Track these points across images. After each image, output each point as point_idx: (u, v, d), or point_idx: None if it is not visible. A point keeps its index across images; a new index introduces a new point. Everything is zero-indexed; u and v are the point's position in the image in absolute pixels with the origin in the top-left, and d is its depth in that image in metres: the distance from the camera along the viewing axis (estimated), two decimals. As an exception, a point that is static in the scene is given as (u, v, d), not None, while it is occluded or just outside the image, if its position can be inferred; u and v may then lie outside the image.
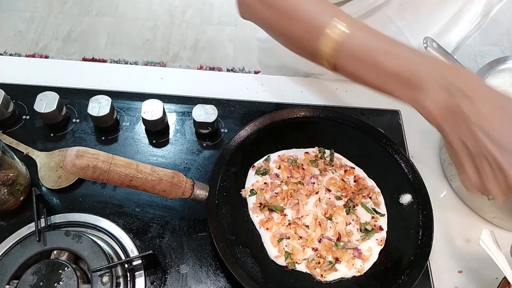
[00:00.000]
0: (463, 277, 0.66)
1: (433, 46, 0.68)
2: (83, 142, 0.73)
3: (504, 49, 2.35)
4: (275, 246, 0.61)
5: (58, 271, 0.55)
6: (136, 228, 0.65)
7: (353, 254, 0.61)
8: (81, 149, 0.54)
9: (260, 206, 0.64)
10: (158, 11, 2.40)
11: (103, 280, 0.55)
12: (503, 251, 0.59)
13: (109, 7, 2.39)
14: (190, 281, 0.61)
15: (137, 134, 0.75)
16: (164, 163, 0.72)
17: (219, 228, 0.61)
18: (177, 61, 2.20)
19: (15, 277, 0.55)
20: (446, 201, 0.74)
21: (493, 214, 0.70)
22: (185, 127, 0.76)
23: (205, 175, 0.71)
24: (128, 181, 0.56)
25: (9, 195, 0.63)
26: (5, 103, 0.71)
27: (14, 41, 2.22)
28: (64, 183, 0.67)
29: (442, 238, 0.68)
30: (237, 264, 0.58)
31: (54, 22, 2.30)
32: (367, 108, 0.82)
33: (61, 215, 0.64)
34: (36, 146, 0.71)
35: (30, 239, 0.58)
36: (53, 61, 0.90)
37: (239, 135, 0.70)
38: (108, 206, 0.67)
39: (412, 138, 0.79)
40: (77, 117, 0.75)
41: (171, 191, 0.58)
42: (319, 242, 0.62)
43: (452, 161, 0.50)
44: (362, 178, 0.69)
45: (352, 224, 0.64)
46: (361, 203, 0.65)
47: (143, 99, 0.73)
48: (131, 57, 2.19)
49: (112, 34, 2.27)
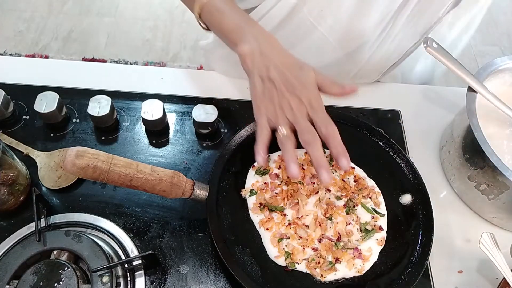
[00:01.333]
0: (463, 277, 0.66)
1: (433, 46, 0.68)
2: (83, 142, 0.73)
3: (504, 49, 2.35)
4: (275, 246, 0.61)
5: (58, 271, 0.55)
6: (136, 228, 0.65)
7: (353, 254, 0.61)
8: (81, 149, 0.54)
9: (260, 206, 0.64)
10: (158, 11, 2.40)
11: (103, 280, 0.55)
12: (503, 251, 0.59)
13: (109, 7, 2.39)
14: (190, 281, 0.61)
15: (137, 134, 0.75)
16: (164, 163, 0.72)
17: (219, 228, 0.61)
18: (177, 61, 2.20)
19: (15, 277, 0.55)
20: (446, 201, 0.74)
21: (493, 214, 0.70)
22: (185, 127, 0.76)
23: (205, 175, 0.71)
24: (128, 181, 0.56)
25: (9, 195, 0.63)
26: (5, 103, 0.71)
27: (14, 41, 2.22)
28: (64, 183, 0.67)
29: (442, 238, 0.68)
30: (237, 264, 0.58)
31: (54, 22, 2.31)
32: (367, 108, 0.82)
33: (61, 215, 0.64)
34: (36, 146, 0.71)
35: (30, 239, 0.58)
36: (53, 61, 0.90)
37: (239, 135, 0.70)
38: (108, 206, 0.67)
39: (412, 138, 0.79)
40: (77, 117, 0.75)
41: (171, 191, 0.58)
42: (319, 242, 0.62)
43: (251, 96, 0.61)
44: (362, 178, 0.69)
45: (352, 224, 0.64)
46: (361, 203, 0.65)
47: (143, 99, 0.73)
48: (131, 57, 2.19)
49: (112, 34, 2.27)
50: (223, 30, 0.64)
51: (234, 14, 0.64)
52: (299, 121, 0.58)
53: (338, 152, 0.56)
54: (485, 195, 0.67)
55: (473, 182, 0.69)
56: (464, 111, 0.69)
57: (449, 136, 0.75)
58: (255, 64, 0.60)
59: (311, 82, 0.60)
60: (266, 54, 0.60)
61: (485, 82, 0.70)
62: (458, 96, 0.86)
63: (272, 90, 0.59)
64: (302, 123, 0.57)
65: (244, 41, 0.61)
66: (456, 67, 0.69)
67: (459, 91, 0.87)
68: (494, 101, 0.68)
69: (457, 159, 0.71)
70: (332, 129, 0.57)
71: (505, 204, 0.66)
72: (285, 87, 0.59)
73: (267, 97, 0.60)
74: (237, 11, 0.65)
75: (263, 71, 0.60)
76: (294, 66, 0.60)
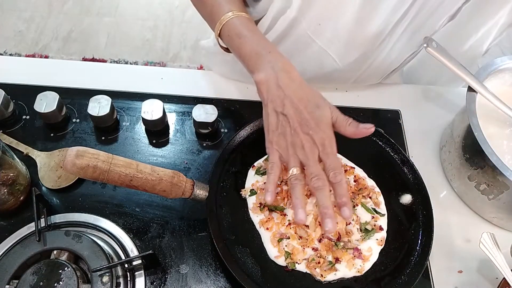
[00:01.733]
0: (463, 277, 0.66)
1: (433, 46, 0.68)
2: (83, 142, 0.73)
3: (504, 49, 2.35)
4: (275, 246, 0.61)
5: (58, 271, 0.55)
6: (136, 228, 0.65)
7: (353, 254, 0.61)
8: (81, 149, 0.54)
9: (260, 206, 0.64)
10: (158, 11, 2.40)
11: (103, 280, 0.55)
12: (503, 251, 0.59)
13: (109, 7, 2.39)
14: (190, 281, 0.61)
15: (137, 134, 0.75)
16: (164, 163, 0.72)
17: (219, 228, 0.61)
18: (177, 61, 2.20)
19: (15, 277, 0.55)
20: (446, 201, 0.74)
21: (493, 214, 0.70)
22: (185, 127, 0.76)
23: (205, 175, 0.71)
24: (128, 181, 0.56)
25: (9, 195, 0.63)
26: (5, 103, 0.71)
27: (14, 41, 2.22)
28: (64, 183, 0.67)
29: (442, 238, 0.68)
30: (237, 264, 0.58)
31: (54, 22, 2.31)
32: (367, 108, 0.82)
33: (61, 215, 0.64)
34: (36, 146, 0.71)
35: (30, 239, 0.58)
36: (53, 61, 0.90)
37: (239, 135, 0.70)
38: (108, 206, 0.67)
39: (412, 138, 0.79)
40: (77, 117, 0.75)
41: (171, 191, 0.58)
42: (319, 242, 0.61)
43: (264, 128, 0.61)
44: (362, 178, 0.69)
45: (352, 224, 0.63)
46: (361, 203, 0.65)
47: (143, 99, 0.73)
48: (131, 57, 2.19)
49: (112, 34, 2.27)
50: (241, 55, 0.63)
51: (252, 40, 0.62)
52: (310, 165, 0.56)
53: (342, 202, 0.55)
54: (485, 195, 0.68)
55: (473, 182, 0.69)
56: (464, 111, 0.69)
57: (449, 136, 0.75)
58: (270, 96, 0.59)
59: (326, 122, 0.58)
60: (282, 86, 0.58)
61: (485, 82, 0.70)
62: (458, 96, 0.86)
63: (286, 126, 0.58)
64: (313, 167, 0.56)
65: (261, 69, 0.60)
66: (456, 67, 0.69)
67: (459, 91, 0.87)
68: (494, 101, 0.68)
69: (457, 159, 0.71)
70: (340, 178, 0.56)
71: (505, 204, 0.66)
72: (299, 124, 0.57)
73: (280, 132, 0.58)
74: (256, 36, 0.63)
75: (278, 105, 0.58)
76: (310, 103, 0.58)
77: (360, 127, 0.59)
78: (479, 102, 0.68)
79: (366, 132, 0.59)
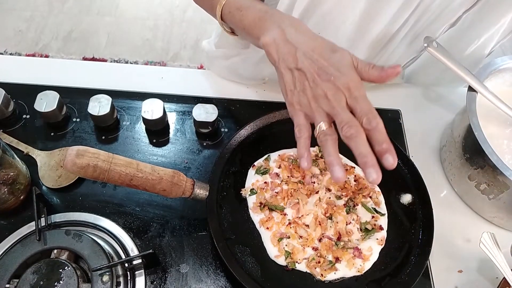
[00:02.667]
0: (463, 277, 0.66)
1: (433, 45, 0.68)
2: (84, 141, 0.73)
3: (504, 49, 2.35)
4: (275, 245, 0.61)
5: (58, 270, 0.55)
6: (136, 227, 0.65)
7: (353, 253, 0.61)
8: (82, 148, 0.54)
9: (260, 206, 0.64)
10: (158, 11, 2.40)
11: (103, 279, 0.55)
12: (503, 251, 0.59)
13: (109, 7, 2.39)
14: (190, 280, 0.61)
15: (137, 134, 0.75)
16: (164, 162, 0.72)
17: (219, 227, 0.61)
18: (178, 60, 2.20)
19: (15, 276, 0.55)
20: (446, 201, 0.74)
21: (493, 213, 0.70)
22: (185, 126, 0.76)
23: (205, 175, 0.71)
24: (128, 180, 0.56)
25: (9, 194, 0.63)
26: (5, 102, 0.71)
27: (14, 40, 2.22)
28: (65, 182, 0.67)
29: (442, 238, 0.68)
30: (237, 264, 0.58)
31: (55, 21, 2.31)
32: (368, 108, 0.82)
33: (61, 214, 0.64)
34: (36, 145, 0.71)
35: (30, 238, 0.58)
36: (53, 61, 0.90)
37: (239, 135, 0.70)
38: (108, 205, 0.67)
39: (412, 138, 0.79)
40: (77, 116, 0.75)
41: (171, 190, 0.58)
42: (319, 241, 0.62)
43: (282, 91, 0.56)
44: (362, 177, 0.69)
45: (352, 224, 0.64)
46: (361, 203, 0.65)
47: (143, 98, 0.73)
48: (131, 57, 2.19)
49: (112, 33, 2.27)
50: (245, 27, 0.59)
51: (254, 8, 0.59)
52: (338, 112, 0.50)
53: (383, 148, 0.47)
54: (485, 194, 0.68)
55: (473, 182, 0.69)
56: (464, 110, 0.69)
57: (449, 136, 0.75)
58: (280, 54, 0.54)
59: (347, 65, 0.51)
60: (291, 40, 0.53)
61: (485, 82, 0.70)
62: (458, 96, 0.86)
63: (304, 80, 0.52)
64: (342, 114, 0.49)
65: (266, 31, 0.55)
66: (456, 66, 0.69)
67: (460, 91, 0.87)
68: (495, 100, 0.68)
69: (457, 158, 0.71)
70: (376, 123, 0.48)
71: (506, 203, 0.66)
72: (317, 74, 0.51)
73: (299, 90, 0.53)
74: (257, 4, 0.60)
75: (291, 62, 0.53)
76: (325, 49, 0.53)
77: (385, 68, 0.52)
78: (480, 101, 0.68)
79: (392, 72, 0.52)
